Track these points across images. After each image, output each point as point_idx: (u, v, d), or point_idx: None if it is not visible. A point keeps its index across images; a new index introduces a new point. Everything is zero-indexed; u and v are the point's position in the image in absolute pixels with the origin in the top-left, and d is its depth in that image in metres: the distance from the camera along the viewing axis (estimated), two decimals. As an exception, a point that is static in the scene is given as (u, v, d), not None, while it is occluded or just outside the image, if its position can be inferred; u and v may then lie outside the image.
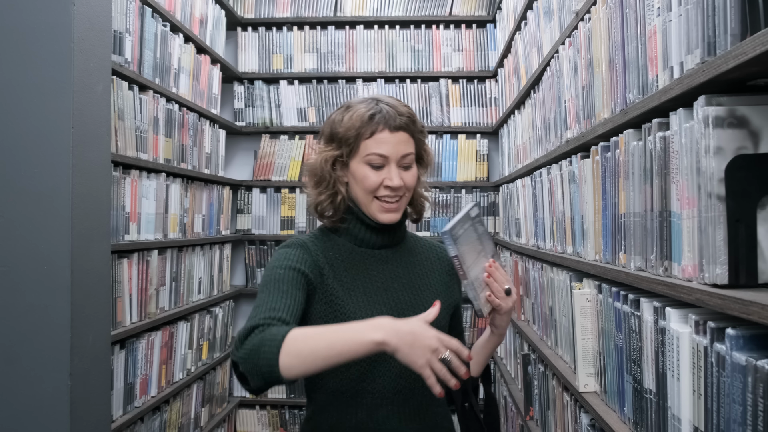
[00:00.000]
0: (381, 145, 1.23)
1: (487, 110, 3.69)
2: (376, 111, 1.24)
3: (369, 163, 1.23)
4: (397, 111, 1.24)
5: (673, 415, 1.03)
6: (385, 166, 1.24)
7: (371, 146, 1.23)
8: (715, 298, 0.87)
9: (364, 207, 1.27)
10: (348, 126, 1.24)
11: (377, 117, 1.23)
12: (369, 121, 1.23)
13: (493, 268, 1.21)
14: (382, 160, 1.23)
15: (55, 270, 1.53)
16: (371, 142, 1.23)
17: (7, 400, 1.52)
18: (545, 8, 2.24)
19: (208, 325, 3.11)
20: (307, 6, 3.73)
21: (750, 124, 0.90)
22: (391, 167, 1.23)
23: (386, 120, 1.23)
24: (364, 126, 1.23)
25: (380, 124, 1.23)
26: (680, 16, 1.04)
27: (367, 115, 1.23)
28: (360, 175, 1.24)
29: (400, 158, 1.24)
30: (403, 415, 1.23)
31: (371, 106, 1.25)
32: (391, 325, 1.02)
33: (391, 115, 1.23)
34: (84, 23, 1.61)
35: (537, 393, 2.26)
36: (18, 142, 1.55)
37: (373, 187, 1.24)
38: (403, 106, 1.27)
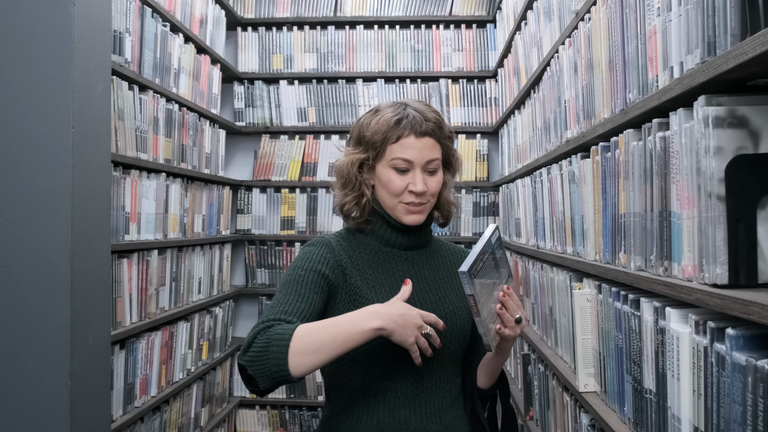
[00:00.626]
0: (406, 150, 1.25)
1: (487, 110, 3.69)
2: (403, 116, 1.26)
3: (394, 167, 1.25)
4: (424, 116, 1.26)
5: (673, 415, 1.03)
6: (410, 170, 1.26)
7: (397, 151, 1.25)
8: (715, 298, 0.87)
9: (390, 210, 1.29)
10: (375, 130, 1.26)
11: (404, 122, 1.25)
12: (395, 126, 1.25)
13: (506, 298, 1.20)
14: (407, 164, 1.25)
15: (55, 270, 1.53)
16: (397, 146, 1.25)
17: (7, 400, 1.52)
18: (545, 8, 2.24)
19: (208, 325, 3.11)
20: (307, 6, 3.73)
21: (750, 124, 0.90)
22: (416, 172, 1.25)
23: (413, 125, 1.25)
24: (391, 130, 1.25)
25: (406, 129, 1.25)
26: (680, 16, 1.04)
27: (394, 120, 1.25)
28: (385, 179, 1.26)
29: (425, 164, 1.26)
30: (424, 416, 1.23)
31: (398, 111, 1.27)
32: (384, 310, 1.11)
33: (417, 120, 1.25)
34: (84, 23, 1.61)
35: (537, 393, 2.26)
36: (18, 142, 1.55)
37: (398, 191, 1.26)
38: (431, 111, 1.28)
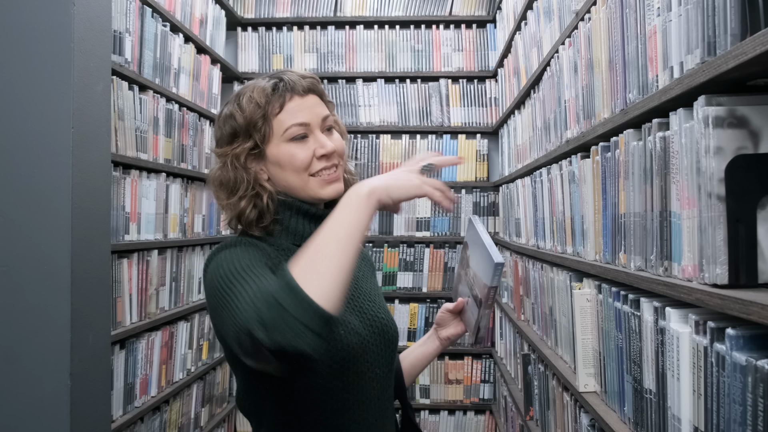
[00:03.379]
0: (297, 114, 1.08)
1: (487, 110, 3.69)
2: (276, 81, 1.09)
3: (291, 139, 1.07)
4: (300, 75, 1.11)
5: (673, 415, 1.03)
6: (309, 135, 1.09)
7: (286, 119, 1.07)
8: (715, 298, 0.87)
9: (301, 191, 1.09)
10: (251, 110, 1.07)
11: (281, 86, 1.08)
12: (274, 94, 1.08)
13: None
14: (303, 129, 1.08)
15: (55, 270, 1.53)
16: (284, 115, 1.07)
17: (7, 400, 1.52)
18: (545, 8, 2.24)
19: (208, 325, 3.11)
20: (307, 6, 3.73)
21: (750, 124, 0.90)
22: (316, 134, 1.09)
23: (292, 87, 1.08)
24: (270, 101, 1.07)
25: (287, 92, 1.08)
26: (680, 16, 1.04)
27: (270, 88, 1.08)
28: (285, 157, 1.07)
29: (321, 122, 1.10)
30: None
31: (269, 81, 1.10)
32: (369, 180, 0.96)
33: (294, 80, 1.09)
34: (84, 23, 1.61)
35: (537, 393, 2.26)
36: (18, 142, 1.55)
37: (305, 162, 1.07)
38: (303, 72, 1.14)
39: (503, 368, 3.20)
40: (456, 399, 3.60)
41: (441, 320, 1.31)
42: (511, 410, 2.88)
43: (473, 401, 3.60)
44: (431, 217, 3.65)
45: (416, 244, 3.66)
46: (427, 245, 3.65)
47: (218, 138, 1.12)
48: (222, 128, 1.11)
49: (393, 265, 3.66)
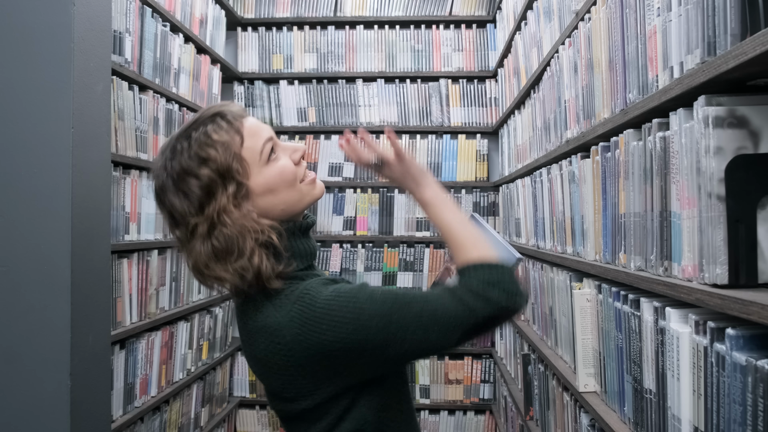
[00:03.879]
0: (257, 134, 1.01)
1: (487, 110, 3.69)
2: (218, 116, 1.00)
3: (267, 158, 1.01)
4: (224, 103, 1.05)
5: (673, 415, 1.03)
6: (276, 148, 1.03)
7: (255, 144, 1.00)
8: (715, 298, 0.87)
9: (299, 203, 1.04)
10: (220, 154, 0.96)
11: (228, 118, 1.00)
12: (230, 127, 0.99)
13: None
14: (272, 143, 1.02)
15: (55, 270, 1.53)
16: (249, 141, 0.99)
17: (7, 400, 1.52)
18: (545, 8, 2.24)
19: (208, 325, 3.11)
20: (307, 6, 3.73)
21: (750, 124, 0.90)
22: (279, 144, 1.05)
23: (234, 114, 1.01)
24: (230, 134, 0.98)
25: (236, 121, 1.00)
26: (680, 16, 1.04)
27: (223, 124, 0.99)
28: (275, 177, 1.01)
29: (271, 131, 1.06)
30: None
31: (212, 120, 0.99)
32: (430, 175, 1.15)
33: (228, 106, 1.02)
34: (84, 23, 1.61)
35: (537, 393, 2.26)
36: (18, 142, 1.55)
37: (294, 172, 1.03)
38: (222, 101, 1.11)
39: (503, 368, 3.20)
40: (456, 399, 3.60)
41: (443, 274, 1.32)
42: (511, 410, 2.88)
43: (473, 401, 3.60)
44: (431, 217, 3.65)
45: (416, 244, 3.66)
46: (427, 245, 3.65)
47: (184, 210, 0.97)
48: (186, 193, 0.97)
49: (393, 265, 3.66)
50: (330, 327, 0.93)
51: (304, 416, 1.02)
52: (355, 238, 3.66)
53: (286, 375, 0.98)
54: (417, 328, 0.94)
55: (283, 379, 0.99)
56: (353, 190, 3.69)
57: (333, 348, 0.93)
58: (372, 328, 0.93)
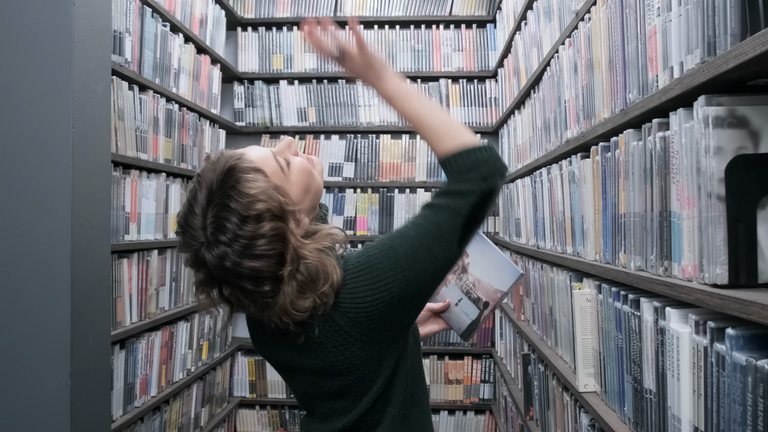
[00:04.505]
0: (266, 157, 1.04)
1: (487, 110, 3.69)
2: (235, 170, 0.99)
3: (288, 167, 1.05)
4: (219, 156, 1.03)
5: (673, 415, 1.03)
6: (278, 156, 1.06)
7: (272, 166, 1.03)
8: (715, 298, 0.87)
9: (320, 190, 1.11)
10: (264, 203, 0.96)
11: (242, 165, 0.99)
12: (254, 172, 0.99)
13: None
14: (275, 155, 1.06)
15: (55, 270, 1.53)
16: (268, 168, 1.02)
17: (7, 400, 1.52)
18: (545, 8, 2.24)
19: (208, 325, 3.11)
20: (307, 6, 3.73)
21: (750, 124, 0.90)
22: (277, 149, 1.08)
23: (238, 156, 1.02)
24: (257, 177, 0.99)
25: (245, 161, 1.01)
26: (680, 16, 1.04)
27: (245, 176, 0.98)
28: (301, 177, 1.06)
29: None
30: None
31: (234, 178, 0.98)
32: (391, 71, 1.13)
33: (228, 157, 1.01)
34: (84, 23, 1.61)
35: (537, 393, 2.26)
36: (18, 142, 1.55)
37: (305, 162, 1.09)
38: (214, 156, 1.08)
39: (503, 368, 3.20)
40: (456, 399, 3.60)
41: (420, 317, 1.36)
42: (511, 410, 2.88)
43: (473, 401, 3.60)
44: (431, 217, 3.65)
45: (416, 244, 3.65)
46: (427, 245, 3.65)
47: (271, 268, 0.97)
48: (262, 256, 0.96)
49: (393, 265, 3.66)
50: (362, 298, 0.99)
51: (358, 383, 1.05)
52: (355, 238, 3.65)
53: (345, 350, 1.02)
54: (423, 253, 0.99)
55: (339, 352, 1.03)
56: (353, 190, 3.69)
57: (372, 313, 0.99)
58: (390, 277, 0.98)
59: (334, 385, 1.06)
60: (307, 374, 1.07)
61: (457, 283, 1.30)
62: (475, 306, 1.27)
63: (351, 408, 1.07)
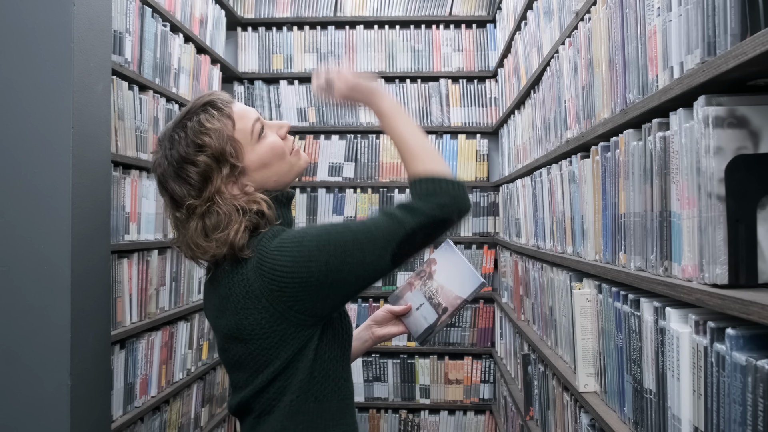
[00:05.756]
0: (245, 115, 1.13)
1: (487, 110, 3.69)
2: (208, 106, 1.12)
3: (258, 136, 1.13)
4: (209, 93, 1.16)
5: (673, 415, 1.03)
6: (264, 126, 1.16)
7: (245, 125, 1.12)
8: (715, 298, 0.87)
9: (289, 174, 1.17)
10: (215, 140, 1.08)
11: (219, 105, 1.12)
12: (220, 115, 1.11)
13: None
14: (260, 122, 1.15)
15: (55, 270, 1.53)
16: (240, 123, 1.12)
17: (7, 400, 1.52)
18: (545, 8, 2.24)
19: (208, 326, 3.11)
20: (307, 6, 3.73)
21: (750, 124, 0.90)
22: (266, 123, 1.17)
23: (223, 100, 1.13)
24: (222, 122, 1.10)
25: (225, 107, 1.12)
26: (680, 16, 1.04)
27: (215, 112, 1.11)
28: (267, 152, 1.13)
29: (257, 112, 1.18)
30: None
31: (203, 109, 1.12)
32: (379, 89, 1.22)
33: (216, 95, 1.14)
34: (84, 23, 1.61)
35: (537, 393, 2.26)
36: (18, 142, 1.55)
37: (282, 146, 1.15)
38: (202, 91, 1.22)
39: (503, 368, 3.20)
40: (456, 399, 3.60)
41: (380, 319, 1.39)
42: (511, 410, 2.88)
43: (473, 401, 3.60)
44: (431, 217, 3.65)
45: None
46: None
47: (184, 194, 1.09)
48: (186, 180, 1.09)
49: (393, 265, 3.66)
50: (282, 266, 1.03)
51: (255, 358, 1.08)
52: (355, 238, 3.65)
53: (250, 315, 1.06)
54: (354, 247, 1.03)
55: (245, 316, 1.07)
56: (353, 190, 3.69)
57: (286, 284, 1.03)
58: (314, 257, 1.03)
59: (237, 353, 1.10)
60: (221, 338, 1.13)
61: (422, 288, 1.34)
62: (435, 311, 1.31)
63: (247, 383, 1.11)
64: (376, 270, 1.06)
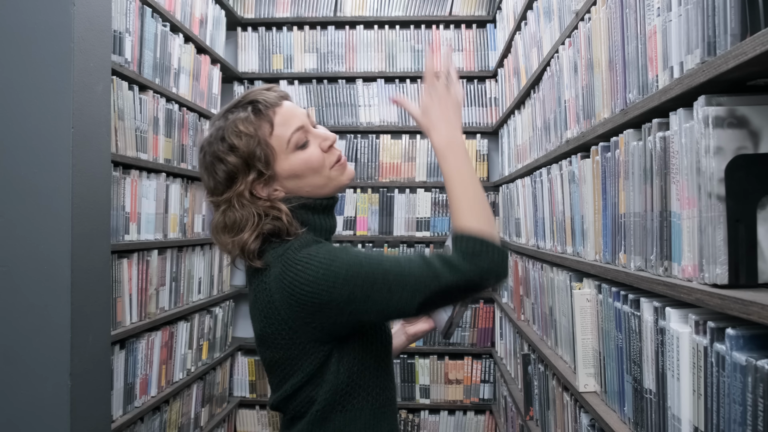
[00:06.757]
0: (289, 122, 1.10)
1: (487, 110, 3.69)
2: (251, 105, 1.10)
3: (297, 146, 1.10)
4: (264, 89, 1.13)
5: (673, 415, 1.03)
6: (308, 137, 1.12)
7: (283, 132, 1.09)
8: (715, 298, 0.87)
9: (326, 188, 1.14)
10: (244, 142, 1.07)
11: (260, 107, 1.09)
12: (258, 117, 1.09)
13: None
14: (303, 133, 1.11)
15: (55, 270, 1.53)
16: (279, 130, 1.09)
17: (7, 400, 1.52)
18: (545, 8, 2.24)
19: (208, 325, 3.11)
20: (307, 6, 3.73)
21: (750, 124, 0.90)
22: (312, 132, 1.13)
23: (268, 102, 1.10)
24: (259, 125, 1.08)
25: (269, 110, 1.09)
26: (680, 16, 1.04)
27: (251, 115, 1.09)
28: (300, 165, 1.10)
29: (308, 119, 1.14)
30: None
31: (246, 108, 1.10)
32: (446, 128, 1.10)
33: (266, 96, 1.11)
34: (84, 23, 1.61)
35: (537, 393, 2.26)
36: (18, 142, 1.55)
37: (320, 160, 1.11)
38: (262, 85, 1.17)
39: (503, 368, 3.20)
40: (456, 399, 3.60)
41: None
42: (511, 410, 2.88)
43: (473, 401, 3.60)
44: (431, 217, 3.65)
45: (416, 244, 3.66)
46: (427, 245, 3.65)
47: (212, 187, 1.11)
48: (215, 176, 1.10)
49: (393, 265, 3.65)
50: (303, 282, 1.01)
51: (282, 365, 1.09)
52: (355, 238, 3.65)
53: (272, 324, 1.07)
54: (383, 285, 1.00)
55: (267, 324, 1.07)
56: (353, 190, 3.69)
57: (305, 302, 1.01)
58: (339, 284, 1.00)
59: (267, 357, 1.11)
60: (255, 338, 1.14)
61: None
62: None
63: (278, 387, 1.12)
64: (399, 312, 1.03)
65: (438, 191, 3.65)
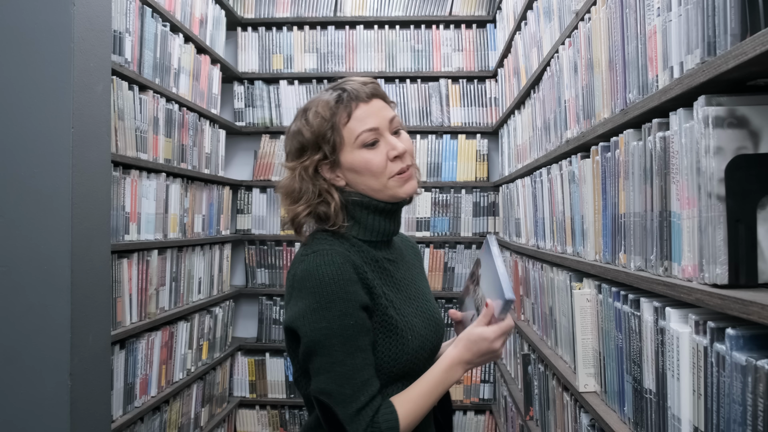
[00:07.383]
0: (365, 120, 1.13)
1: (487, 110, 3.69)
2: (340, 92, 1.14)
3: (363, 145, 1.12)
4: (361, 83, 1.16)
5: (673, 415, 1.03)
6: (380, 140, 1.13)
7: (356, 127, 1.12)
8: (715, 298, 0.87)
9: (380, 193, 1.14)
10: (318, 122, 1.13)
11: (345, 96, 1.13)
12: (338, 105, 1.13)
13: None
14: (374, 134, 1.13)
15: (55, 270, 1.53)
16: (353, 123, 1.12)
17: (7, 399, 1.52)
18: (545, 8, 2.24)
19: (208, 325, 3.11)
20: (307, 6, 3.73)
21: (750, 124, 0.90)
22: (386, 137, 1.14)
23: (356, 95, 1.13)
24: (337, 113, 1.12)
25: (352, 101, 1.13)
26: (680, 16, 1.04)
27: (334, 101, 1.13)
28: (360, 163, 1.12)
29: (389, 124, 1.15)
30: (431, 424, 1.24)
31: (334, 93, 1.15)
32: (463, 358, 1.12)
33: (357, 88, 1.15)
34: (84, 23, 1.61)
35: (537, 393, 2.26)
36: (18, 142, 1.55)
37: (381, 166, 1.12)
38: (364, 77, 1.19)
39: (503, 368, 3.20)
40: (456, 399, 3.60)
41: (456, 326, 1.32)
42: (511, 410, 2.88)
43: (473, 401, 3.60)
44: (431, 217, 3.65)
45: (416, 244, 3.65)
46: (427, 245, 3.65)
47: (288, 152, 1.19)
48: (291, 143, 1.18)
49: (393, 265, 3.65)
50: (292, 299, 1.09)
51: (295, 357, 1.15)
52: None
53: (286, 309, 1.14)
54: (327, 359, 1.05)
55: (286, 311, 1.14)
56: (353, 190, 3.68)
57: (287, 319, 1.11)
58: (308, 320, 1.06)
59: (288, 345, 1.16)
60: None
61: (473, 296, 1.24)
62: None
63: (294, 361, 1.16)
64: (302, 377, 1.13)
65: (438, 191, 3.65)
